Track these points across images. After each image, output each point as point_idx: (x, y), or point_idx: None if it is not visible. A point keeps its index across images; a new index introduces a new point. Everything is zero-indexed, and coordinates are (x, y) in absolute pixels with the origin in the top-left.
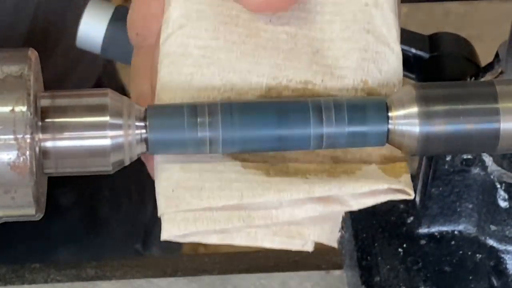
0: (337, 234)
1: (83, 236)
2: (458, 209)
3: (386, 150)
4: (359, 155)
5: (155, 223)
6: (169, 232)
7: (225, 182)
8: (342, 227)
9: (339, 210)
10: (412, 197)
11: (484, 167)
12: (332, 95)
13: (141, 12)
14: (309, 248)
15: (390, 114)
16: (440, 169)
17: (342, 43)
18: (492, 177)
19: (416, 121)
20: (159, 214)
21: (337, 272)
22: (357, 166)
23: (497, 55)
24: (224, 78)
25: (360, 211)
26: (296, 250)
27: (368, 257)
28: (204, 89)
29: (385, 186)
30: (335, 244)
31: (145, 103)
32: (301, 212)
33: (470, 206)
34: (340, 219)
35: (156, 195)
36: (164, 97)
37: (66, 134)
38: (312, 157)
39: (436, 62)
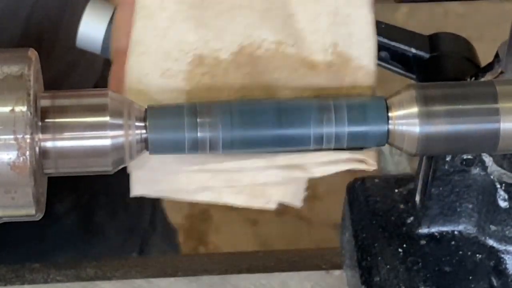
0: (301, 194)
1: (80, 244)
2: (458, 209)
3: None
4: None
5: (153, 231)
6: (137, 190)
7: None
8: (305, 189)
9: (302, 177)
10: (374, 168)
11: (484, 167)
12: (303, 57)
13: None
14: (272, 206)
15: (390, 114)
16: (440, 169)
17: (314, 6)
18: (492, 177)
19: (416, 121)
20: (128, 171)
21: (337, 272)
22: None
23: (497, 55)
24: (198, 33)
25: (360, 211)
26: (259, 209)
27: (368, 257)
28: (178, 43)
29: (347, 155)
30: (299, 203)
31: (122, 58)
32: (263, 176)
33: (470, 206)
34: (305, 181)
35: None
36: (137, 49)
37: (66, 134)
38: None
39: (436, 62)
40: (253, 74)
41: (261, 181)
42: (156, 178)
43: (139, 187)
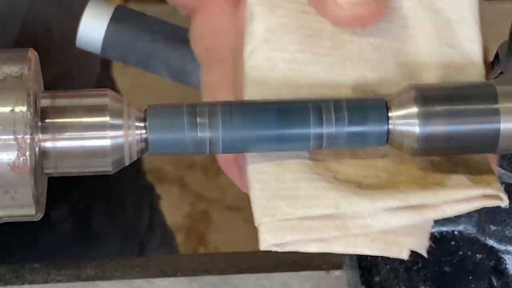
0: (427, 242)
1: (78, 250)
2: None
3: (473, 162)
4: (446, 167)
5: (151, 234)
6: (266, 241)
7: (320, 191)
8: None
9: (433, 218)
10: (506, 202)
11: None
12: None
13: (210, 26)
14: (405, 256)
15: (390, 114)
16: None
17: (425, 58)
18: None
19: (416, 121)
20: (255, 224)
21: (337, 272)
22: (447, 177)
23: (497, 55)
24: (313, 91)
25: None
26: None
27: (368, 257)
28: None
29: (480, 191)
30: (425, 253)
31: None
32: (396, 220)
33: None
34: (430, 227)
35: (252, 205)
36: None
37: (66, 135)
38: (401, 169)
39: None
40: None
41: (394, 226)
42: (288, 225)
43: (268, 238)
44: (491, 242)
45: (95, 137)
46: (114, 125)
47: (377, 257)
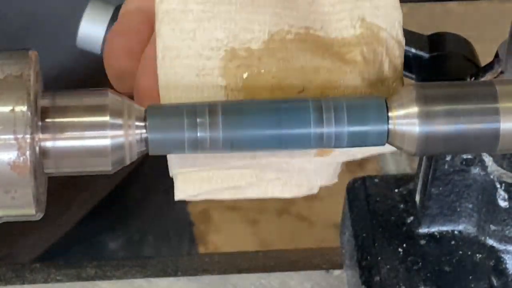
0: (338, 170)
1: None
2: (458, 209)
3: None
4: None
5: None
6: (184, 192)
7: None
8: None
9: (344, 160)
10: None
11: (484, 167)
12: (333, 37)
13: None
14: (315, 191)
15: (390, 114)
16: (440, 169)
17: None
18: (492, 177)
19: (416, 121)
20: (171, 174)
21: (337, 272)
22: None
23: (497, 55)
24: (226, 29)
25: (360, 211)
26: (304, 195)
27: (368, 257)
28: (208, 41)
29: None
30: (336, 179)
31: (149, 68)
32: (311, 164)
33: (470, 206)
34: (340, 162)
35: (168, 156)
36: (169, 54)
37: (66, 134)
38: None
39: (436, 62)
40: (287, 58)
41: (309, 168)
42: (205, 175)
43: (184, 189)
44: (491, 242)
45: (95, 137)
46: (114, 124)
47: (377, 257)
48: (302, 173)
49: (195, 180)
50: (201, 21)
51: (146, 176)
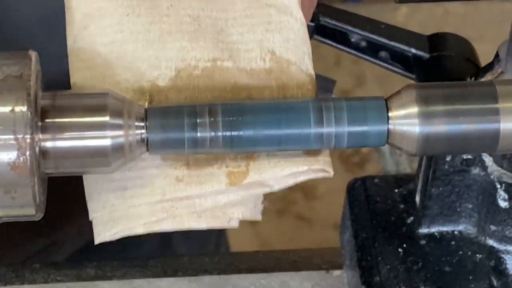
0: (260, 207)
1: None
2: (458, 209)
3: None
4: None
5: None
6: (101, 235)
7: (147, 180)
8: (263, 201)
9: (261, 193)
10: (331, 175)
11: (484, 167)
12: (242, 68)
13: None
14: (235, 224)
15: (390, 114)
16: (440, 169)
17: (246, 20)
18: (492, 177)
19: (416, 121)
20: (90, 218)
21: (337, 272)
22: None
23: (497, 55)
24: (133, 69)
25: (360, 211)
26: (223, 228)
27: (368, 257)
28: (117, 84)
29: (305, 168)
30: (259, 217)
31: None
32: (223, 198)
33: (470, 206)
34: (262, 195)
35: (86, 199)
36: (79, 65)
37: (66, 134)
38: None
39: (436, 62)
40: (194, 96)
41: (222, 203)
42: (117, 216)
43: (101, 231)
44: (491, 242)
45: (95, 137)
46: (114, 124)
47: (377, 257)
48: (216, 208)
49: (107, 221)
50: (109, 63)
51: None
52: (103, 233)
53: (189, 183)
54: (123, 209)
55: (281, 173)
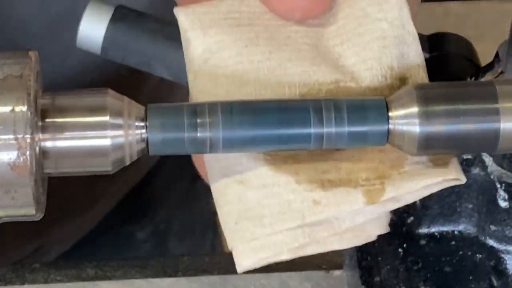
0: (389, 219)
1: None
2: (458, 209)
3: None
4: None
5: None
6: (241, 265)
7: (284, 206)
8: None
9: (395, 207)
10: (464, 181)
11: (484, 167)
12: (365, 87)
13: None
14: (373, 238)
15: (390, 114)
16: None
17: (359, 39)
18: (492, 177)
19: (416, 121)
20: (229, 248)
21: (337, 272)
22: (405, 156)
23: (497, 55)
24: (257, 97)
25: None
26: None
27: (368, 257)
28: None
29: (440, 179)
30: (388, 229)
31: None
32: (361, 217)
33: (470, 206)
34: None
35: (222, 229)
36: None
37: (66, 134)
38: (361, 154)
39: (436, 62)
40: None
41: (359, 222)
42: (258, 244)
43: (243, 260)
44: (491, 242)
45: (95, 137)
46: (114, 124)
47: (377, 257)
48: (356, 228)
49: (248, 251)
50: (232, 93)
51: (172, 164)
52: (245, 262)
53: (327, 205)
54: (264, 237)
55: (416, 186)
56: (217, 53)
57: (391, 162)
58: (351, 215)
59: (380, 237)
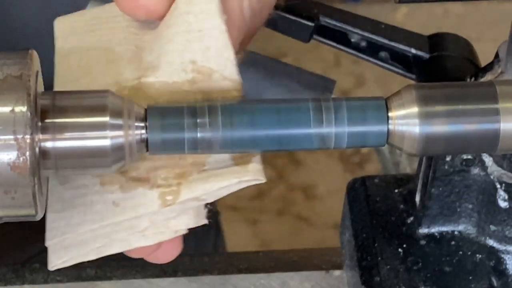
0: (204, 212)
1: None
2: (458, 209)
3: None
4: None
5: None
6: (53, 262)
7: (88, 207)
8: (207, 205)
9: (196, 205)
10: (264, 181)
11: (484, 167)
12: (163, 82)
13: None
14: (183, 232)
15: (390, 114)
16: (440, 169)
17: (167, 31)
18: (492, 177)
19: (416, 121)
20: (46, 244)
21: (337, 272)
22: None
23: (497, 55)
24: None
25: (360, 211)
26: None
27: (368, 257)
28: None
29: (236, 180)
30: (205, 221)
31: None
32: (160, 216)
33: (470, 206)
34: (203, 204)
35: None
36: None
37: (66, 134)
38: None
39: (436, 62)
40: None
41: (159, 221)
42: (67, 244)
43: (54, 258)
44: (491, 242)
45: (95, 137)
46: (114, 125)
47: (377, 257)
48: (157, 226)
49: (58, 250)
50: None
51: None
52: (55, 261)
53: (125, 208)
54: (72, 237)
55: (212, 188)
56: (68, 55)
57: (193, 158)
58: (149, 215)
59: (380, 237)
